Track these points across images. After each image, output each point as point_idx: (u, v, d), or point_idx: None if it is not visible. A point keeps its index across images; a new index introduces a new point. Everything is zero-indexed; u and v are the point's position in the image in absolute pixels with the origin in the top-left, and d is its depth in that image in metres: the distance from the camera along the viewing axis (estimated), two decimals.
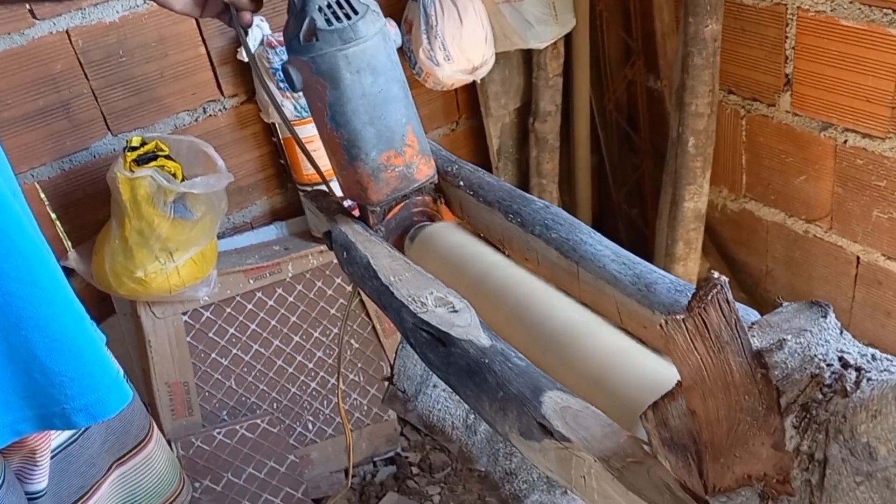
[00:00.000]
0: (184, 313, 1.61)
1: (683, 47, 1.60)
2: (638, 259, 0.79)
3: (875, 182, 1.54)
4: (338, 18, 0.85)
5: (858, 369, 0.47)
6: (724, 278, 0.49)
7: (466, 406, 1.03)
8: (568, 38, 1.80)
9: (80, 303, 0.90)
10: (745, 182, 1.82)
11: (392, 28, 0.90)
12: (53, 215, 1.53)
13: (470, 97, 1.93)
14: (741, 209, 1.87)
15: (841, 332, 0.51)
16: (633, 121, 2.03)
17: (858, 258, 1.66)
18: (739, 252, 1.94)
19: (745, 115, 1.73)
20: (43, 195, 1.51)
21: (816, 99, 1.57)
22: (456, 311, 0.77)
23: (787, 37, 1.56)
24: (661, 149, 1.91)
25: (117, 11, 1.47)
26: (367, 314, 1.80)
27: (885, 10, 1.38)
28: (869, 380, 0.46)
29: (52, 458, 0.98)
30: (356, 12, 0.86)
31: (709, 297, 0.48)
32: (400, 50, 1.65)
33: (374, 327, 1.81)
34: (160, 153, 1.43)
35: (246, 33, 0.95)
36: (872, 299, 1.68)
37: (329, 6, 0.85)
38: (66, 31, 1.44)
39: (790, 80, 1.60)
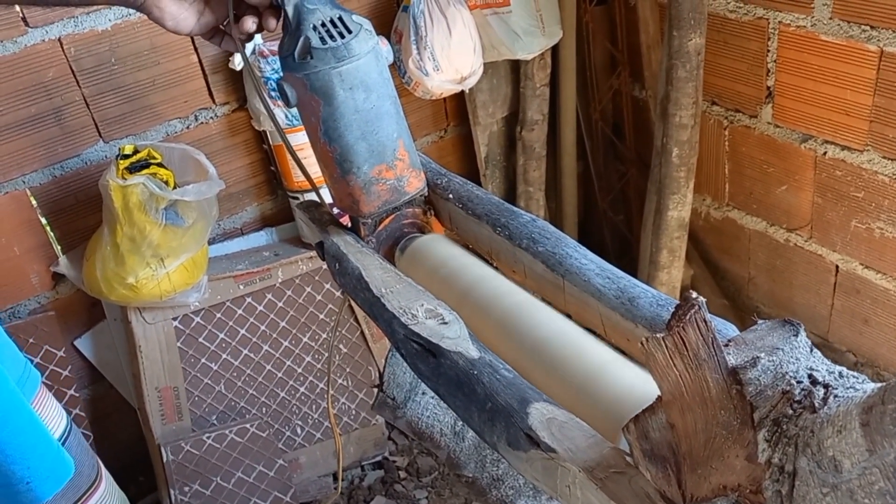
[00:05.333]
0: (174, 318, 1.62)
1: (668, 60, 1.63)
2: (622, 273, 0.82)
3: (853, 193, 1.58)
4: (332, 37, 0.87)
5: (826, 386, 0.50)
6: (702, 299, 0.51)
7: (454, 413, 1.06)
8: (555, 49, 1.83)
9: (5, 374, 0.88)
10: (728, 191, 1.85)
11: (384, 45, 0.93)
12: (44, 221, 1.55)
13: (458, 105, 1.96)
14: (724, 217, 1.90)
15: (811, 351, 0.54)
16: (618, 130, 2.06)
17: (837, 267, 1.70)
18: (722, 259, 1.98)
19: (728, 125, 1.76)
20: (34, 201, 1.53)
21: (797, 111, 1.61)
22: (446, 323, 0.80)
23: (768, 50, 1.60)
24: (645, 157, 1.94)
25: (110, 20, 1.48)
26: (356, 319, 1.82)
27: (863, 27, 1.42)
28: (836, 396, 0.49)
29: None
30: (350, 31, 0.88)
31: (687, 317, 0.51)
32: None
33: (362, 332, 1.83)
34: (152, 161, 1.45)
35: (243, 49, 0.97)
36: (851, 307, 1.72)
37: (324, 25, 0.87)
38: (59, 39, 1.45)
39: (772, 92, 1.64)
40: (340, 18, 0.89)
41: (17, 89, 1.44)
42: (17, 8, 1.39)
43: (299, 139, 1.55)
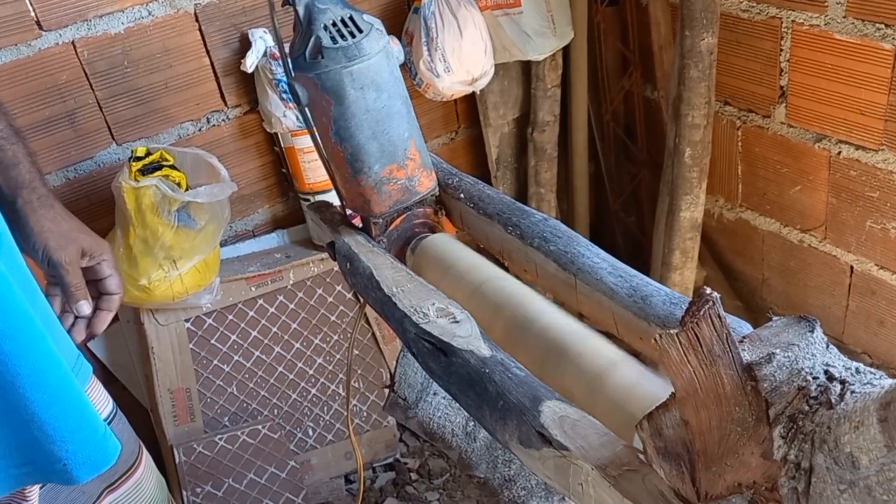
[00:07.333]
0: (186, 320, 1.63)
1: (680, 60, 1.62)
2: (634, 272, 0.81)
3: (868, 193, 1.57)
4: (343, 37, 0.87)
5: (843, 382, 0.49)
6: (717, 294, 0.51)
7: (466, 413, 1.06)
8: (566, 50, 1.82)
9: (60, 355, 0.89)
10: (741, 192, 1.84)
11: (395, 45, 0.93)
12: None
13: (469, 107, 1.96)
14: (737, 218, 1.89)
15: (827, 347, 0.53)
16: (630, 130, 2.05)
17: (852, 268, 1.68)
18: (736, 261, 1.97)
19: (741, 126, 1.75)
20: None
21: (811, 111, 1.60)
22: (457, 322, 0.79)
23: (781, 50, 1.59)
24: (657, 158, 1.93)
25: (122, 23, 1.49)
26: (367, 321, 1.82)
27: (877, 25, 1.41)
28: (853, 392, 0.48)
29: (41, 487, 0.96)
30: (360, 31, 0.88)
31: (701, 313, 0.50)
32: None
33: (373, 334, 1.83)
34: (165, 163, 1.45)
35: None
36: (866, 308, 1.70)
37: (334, 25, 0.87)
38: (72, 43, 1.46)
39: (785, 92, 1.63)
40: (351, 18, 0.89)
41: (31, 92, 1.45)
42: (31, 10, 1.40)
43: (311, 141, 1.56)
